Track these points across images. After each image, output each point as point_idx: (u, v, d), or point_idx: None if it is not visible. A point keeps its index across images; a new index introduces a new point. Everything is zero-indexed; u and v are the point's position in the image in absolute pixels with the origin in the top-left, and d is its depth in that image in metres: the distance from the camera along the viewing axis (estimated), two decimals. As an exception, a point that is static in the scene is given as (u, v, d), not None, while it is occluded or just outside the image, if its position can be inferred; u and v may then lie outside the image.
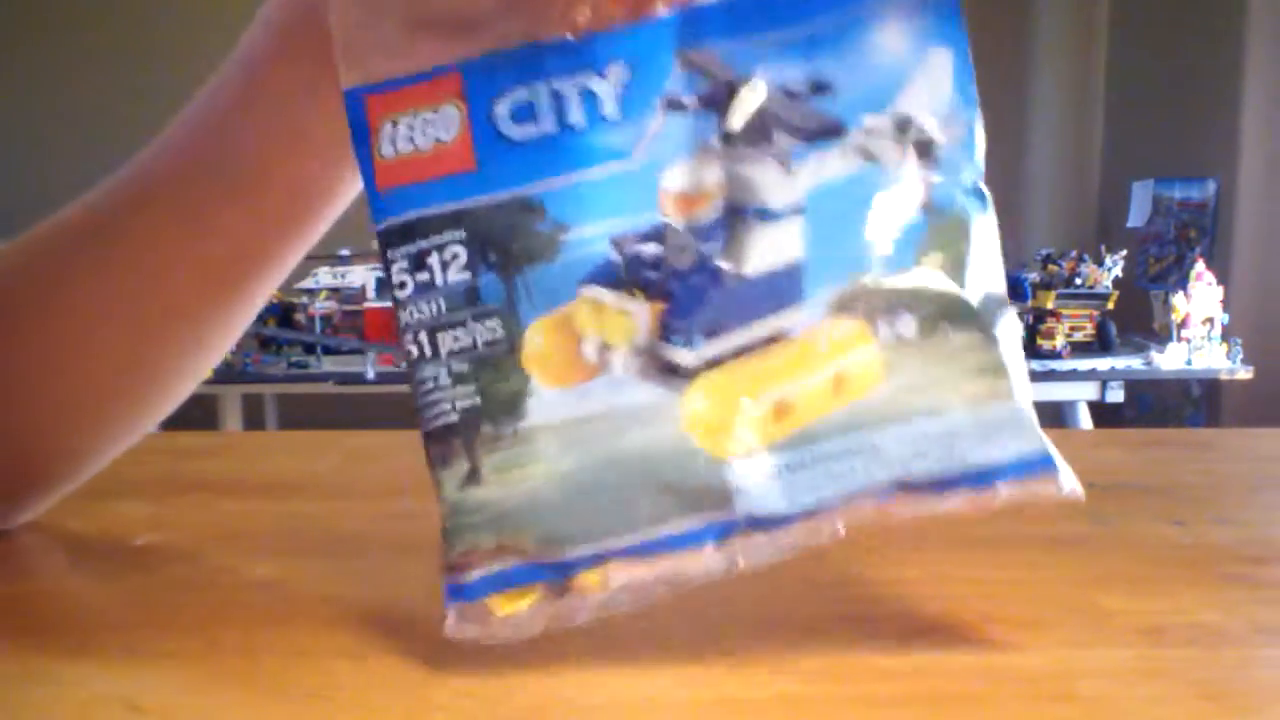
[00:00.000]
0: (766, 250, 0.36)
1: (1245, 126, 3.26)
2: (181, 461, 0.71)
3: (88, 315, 0.49)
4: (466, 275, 0.37)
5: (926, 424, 0.36)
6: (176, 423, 0.57)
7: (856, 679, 0.38)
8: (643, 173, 0.37)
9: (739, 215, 0.37)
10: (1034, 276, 3.10)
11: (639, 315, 0.37)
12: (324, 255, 2.89)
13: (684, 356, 0.36)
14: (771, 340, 0.36)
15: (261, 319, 2.95)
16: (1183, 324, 2.86)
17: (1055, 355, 2.87)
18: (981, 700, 0.36)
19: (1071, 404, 2.89)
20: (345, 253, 2.91)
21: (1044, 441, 0.37)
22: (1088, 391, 2.84)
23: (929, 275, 0.37)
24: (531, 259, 0.37)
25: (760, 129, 0.37)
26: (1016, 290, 3.05)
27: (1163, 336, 2.93)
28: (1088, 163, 4.14)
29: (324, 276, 2.90)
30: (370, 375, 2.68)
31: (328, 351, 2.84)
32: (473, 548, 0.37)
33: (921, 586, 0.48)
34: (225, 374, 2.68)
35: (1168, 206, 3.51)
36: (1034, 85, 4.11)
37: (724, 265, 0.36)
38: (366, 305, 2.97)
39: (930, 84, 0.36)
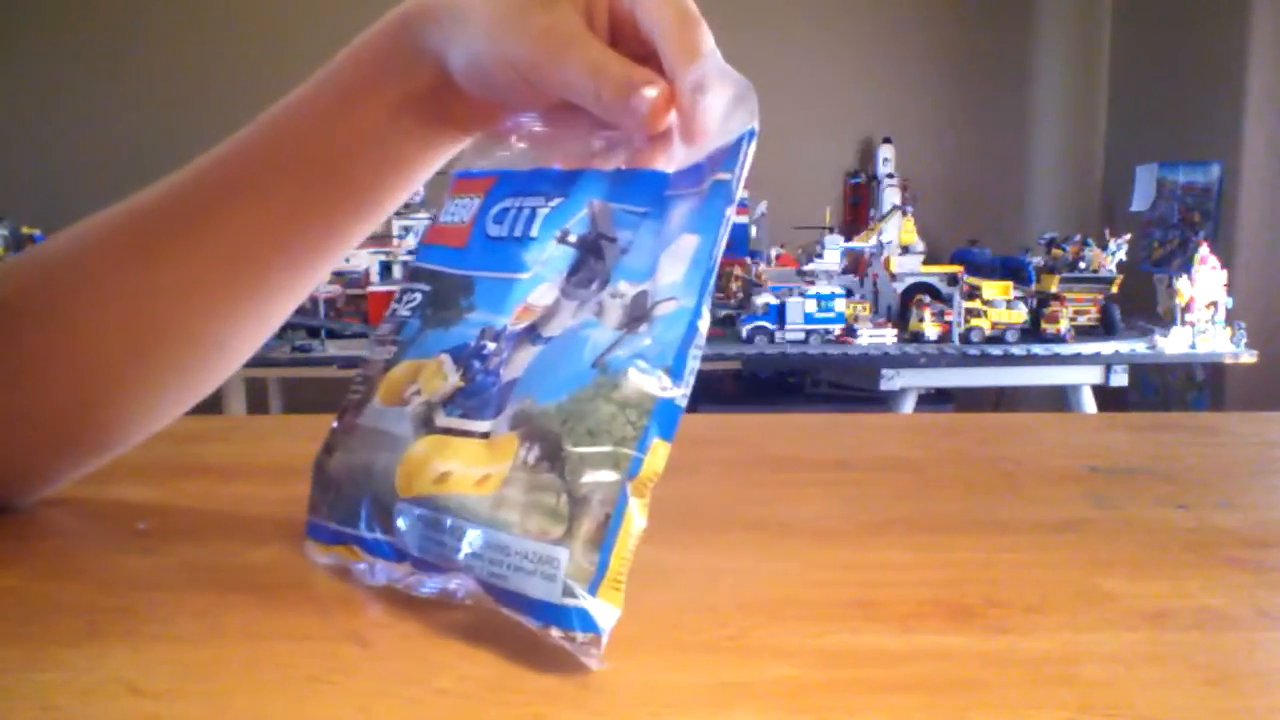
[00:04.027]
0: (515, 366, 0.43)
1: (1249, 110, 3.25)
2: (185, 446, 0.71)
3: (171, 293, 0.53)
4: (409, 313, 0.49)
5: (493, 534, 0.39)
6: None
7: (859, 663, 0.38)
8: (524, 285, 0.45)
9: (528, 334, 0.44)
10: (1038, 260, 3.10)
11: (448, 383, 0.45)
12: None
13: (438, 418, 0.44)
14: (483, 435, 0.42)
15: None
16: (1187, 308, 2.86)
17: (1059, 339, 2.86)
18: (984, 684, 0.36)
19: (1075, 388, 2.89)
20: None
21: (566, 599, 0.37)
22: (1092, 375, 2.84)
23: (560, 415, 0.40)
24: (440, 322, 0.47)
25: (589, 276, 0.44)
26: (1021, 274, 3.04)
27: (1167, 320, 2.92)
28: (1092, 146, 4.13)
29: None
30: (373, 359, 2.68)
31: (331, 335, 2.84)
32: (313, 500, 0.48)
33: (924, 570, 0.48)
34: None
35: (1172, 190, 3.50)
36: (1038, 69, 4.09)
37: (500, 370, 0.43)
38: (370, 289, 2.97)
39: (671, 265, 0.41)
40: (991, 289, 2.90)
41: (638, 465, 0.38)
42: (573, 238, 0.45)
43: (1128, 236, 3.04)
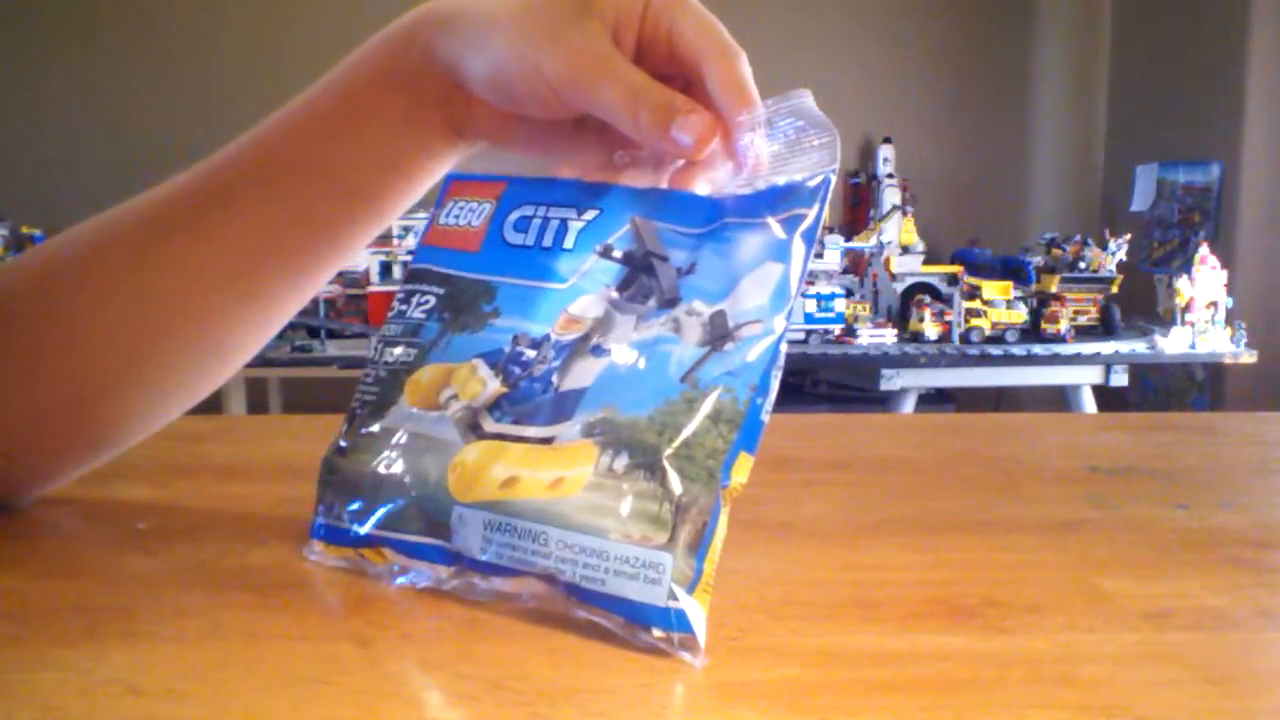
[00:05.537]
0: (576, 376, 0.44)
1: (1249, 110, 3.25)
2: (184, 445, 0.71)
3: (171, 295, 0.53)
4: (423, 315, 0.49)
5: (586, 539, 0.40)
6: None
7: (857, 663, 0.38)
8: (562, 295, 0.46)
9: (583, 344, 0.44)
10: (1038, 260, 3.10)
11: (488, 389, 0.45)
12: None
13: (487, 423, 0.44)
14: (543, 440, 0.43)
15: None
16: (1187, 308, 2.86)
17: (1059, 339, 2.86)
18: (983, 684, 0.36)
19: (1075, 388, 2.89)
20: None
21: (675, 601, 0.38)
22: (1092, 375, 2.84)
23: (654, 427, 0.41)
24: (463, 326, 0.48)
25: (643, 292, 0.45)
26: (1021, 274, 3.04)
27: (1167, 320, 2.92)
28: (1092, 146, 4.13)
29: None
30: (373, 359, 2.67)
31: (331, 335, 2.84)
32: (322, 498, 0.48)
33: (923, 570, 0.48)
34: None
35: (1172, 190, 3.50)
36: (1038, 69, 4.09)
37: (553, 379, 0.44)
38: (370, 289, 2.97)
39: (754, 289, 0.42)
40: (991, 289, 2.90)
41: (728, 475, 0.40)
42: (617, 253, 0.46)
43: (1128, 236, 3.04)
